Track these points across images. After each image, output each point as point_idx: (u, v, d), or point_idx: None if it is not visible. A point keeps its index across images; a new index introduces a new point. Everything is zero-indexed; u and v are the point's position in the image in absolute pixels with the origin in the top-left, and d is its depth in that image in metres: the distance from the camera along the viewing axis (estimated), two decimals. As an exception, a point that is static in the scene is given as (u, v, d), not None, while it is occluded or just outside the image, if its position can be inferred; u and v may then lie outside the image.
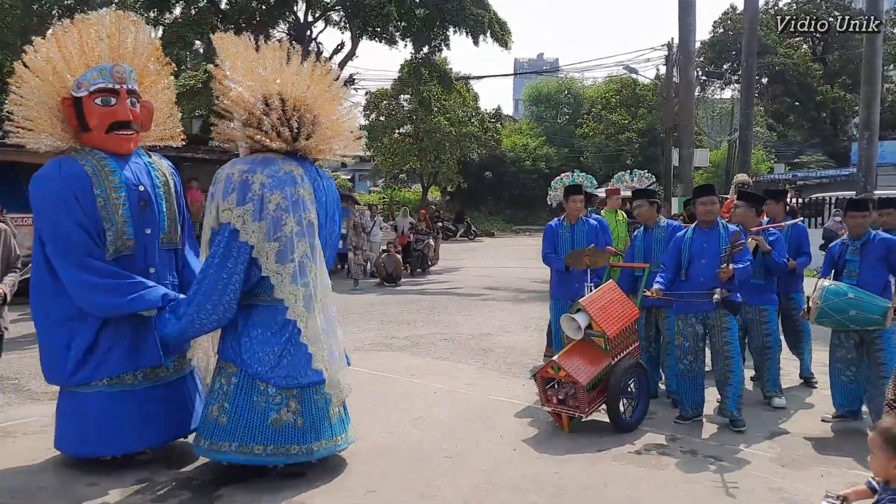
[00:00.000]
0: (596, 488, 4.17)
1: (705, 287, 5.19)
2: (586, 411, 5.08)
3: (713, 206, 5.38)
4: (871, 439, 2.56)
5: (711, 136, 32.56)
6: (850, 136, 31.35)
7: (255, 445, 4.10)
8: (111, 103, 4.35)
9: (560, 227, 6.64)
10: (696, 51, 23.47)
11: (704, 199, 5.43)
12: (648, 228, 6.16)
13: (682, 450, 4.85)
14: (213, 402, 4.24)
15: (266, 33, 19.22)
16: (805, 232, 6.46)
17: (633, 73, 29.92)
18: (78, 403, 4.28)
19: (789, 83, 32.83)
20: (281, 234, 4.14)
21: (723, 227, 5.36)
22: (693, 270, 5.33)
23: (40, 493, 3.98)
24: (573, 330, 5.27)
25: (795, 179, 26.15)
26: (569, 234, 6.52)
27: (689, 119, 17.86)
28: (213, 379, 4.37)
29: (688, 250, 5.38)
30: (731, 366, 5.25)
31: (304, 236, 4.22)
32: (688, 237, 5.44)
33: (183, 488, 4.08)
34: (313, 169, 4.48)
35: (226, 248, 4.11)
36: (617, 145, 35.96)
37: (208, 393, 4.37)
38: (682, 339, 5.39)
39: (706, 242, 5.32)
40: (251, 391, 4.15)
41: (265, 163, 4.24)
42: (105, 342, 4.24)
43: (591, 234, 6.46)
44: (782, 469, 4.50)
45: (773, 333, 5.91)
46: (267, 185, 4.14)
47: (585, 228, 6.48)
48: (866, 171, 12.89)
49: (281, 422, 4.13)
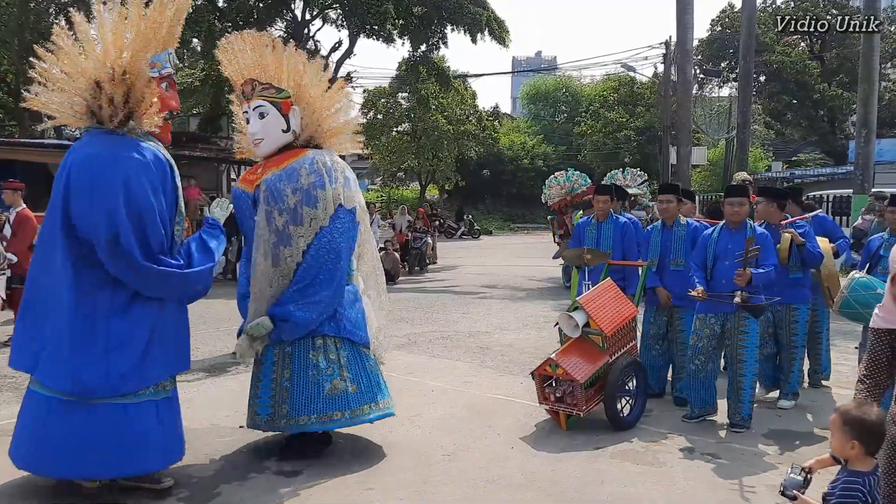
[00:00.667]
0: (593, 485, 4.18)
1: (727, 289, 5.09)
2: (584, 409, 5.08)
3: (741, 207, 5.23)
4: (832, 420, 2.62)
5: (709, 134, 32.54)
6: (848, 134, 31.43)
7: (378, 401, 4.60)
8: (169, 90, 4.04)
9: (588, 224, 6.63)
10: (694, 49, 23.47)
11: (732, 200, 5.29)
12: (667, 226, 6.00)
13: (679, 447, 4.85)
14: (333, 377, 4.40)
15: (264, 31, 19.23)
16: (831, 221, 6.36)
17: (631, 71, 29.98)
18: (119, 416, 3.75)
19: (787, 81, 32.85)
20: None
21: (751, 228, 5.22)
22: (717, 271, 5.25)
23: (38, 493, 3.97)
24: (571, 328, 5.28)
25: (793, 177, 26.20)
26: (595, 232, 6.50)
27: (687, 117, 17.87)
28: (303, 360, 4.38)
29: (713, 250, 5.31)
30: (744, 370, 5.15)
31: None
32: (714, 237, 5.36)
33: (182, 486, 4.07)
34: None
35: (353, 229, 4.55)
36: (615, 143, 35.95)
37: (310, 375, 4.37)
38: (696, 339, 5.29)
39: (731, 244, 5.21)
40: (364, 357, 4.59)
41: (329, 153, 4.65)
42: (155, 346, 3.86)
43: (618, 232, 6.37)
44: (780, 466, 4.51)
45: (799, 334, 5.76)
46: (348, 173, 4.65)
47: (612, 227, 6.41)
48: (864, 169, 12.92)
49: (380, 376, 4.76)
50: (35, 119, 21.83)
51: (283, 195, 4.31)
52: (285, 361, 4.39)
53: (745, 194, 5.35)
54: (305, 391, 4.35)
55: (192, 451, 4.53)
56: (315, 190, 4.35)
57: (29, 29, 18.62)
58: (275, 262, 4.33)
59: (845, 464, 2.61)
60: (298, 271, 4.33)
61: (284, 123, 4.51)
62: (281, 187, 4.32)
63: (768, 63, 32.11)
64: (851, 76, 28.40)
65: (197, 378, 6.56)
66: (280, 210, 4.31)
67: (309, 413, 4.34)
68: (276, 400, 4.38)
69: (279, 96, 4.50)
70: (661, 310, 5.99)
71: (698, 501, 3.99)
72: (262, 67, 4.54)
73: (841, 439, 2.57)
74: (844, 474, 2.56)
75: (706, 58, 35.20)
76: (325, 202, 4.38)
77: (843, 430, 2.55)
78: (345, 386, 4.42)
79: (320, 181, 4.39)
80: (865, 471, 2.55)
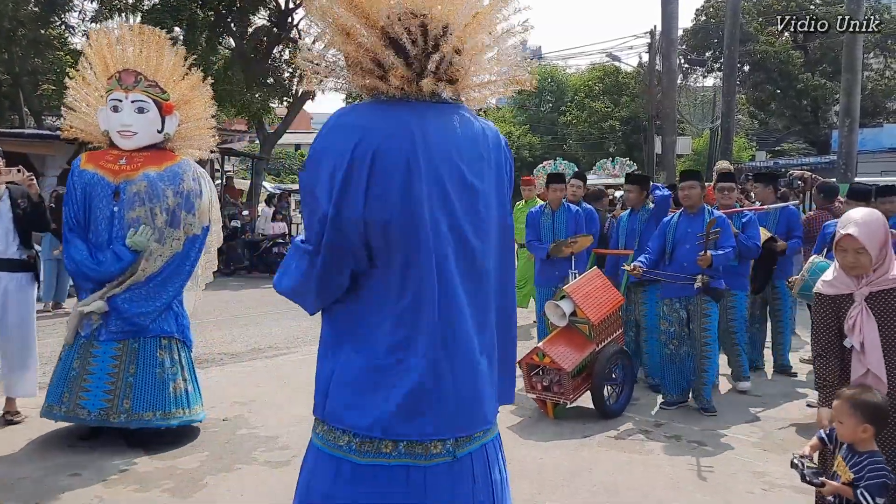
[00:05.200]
0: (581, 474, 4.19)
1: (688, 272, 5.21)
2: (571, 398, 5.10)
3: (692, 190, 5.39)
4: (838, 406, 2.65)
5: (693, 123, 32.62)
6: (831, 123, 31.59)
7: (202, 402, 4.75)
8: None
9: (542, 214, 6.63)
10: (679, 38, 23.52)
11: (684, 184, 5.47)
12: (634, 212, 6.18)
13: (665, 435, 4.88)
14: (176, 377, 4.52)
15: (247, 20, 19.01)
16: (796, 215, 6.44)
17: (616, 60, 29.98)
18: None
19: (770, 71, 32.97)
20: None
21: (708, 212, 5.38)
22: (677, 255, 5.36)
23: (20, 485, 3.92)
24: (558, 317, 5.28)
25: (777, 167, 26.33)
26: (550, 221, 6.50)
27: (672, 107, 17.90)
28: (150, 357, 4.45)
29: (672, 234, 5.41)
30: (708, 352, 5.28)
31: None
32: (673, 222, 5.47)
33: (166, 477, 4.05)
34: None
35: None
36: (600, 133, 35.97)
37: (157, 372, 4.45)
38: (667, 324, 5.41)
39: (690, 227, 5.35)
40: (192, 360, 4.78)
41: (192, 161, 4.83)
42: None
43: (571, 221, 6.41)
44: (765, 453, 4.55)
45: (738, 319, 5.87)
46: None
47: (566, 216, 6.45)
48: (847, 159, 12.99)
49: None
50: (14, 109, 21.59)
51: (164, 195, 4.46)
52: (131, 357, 4.43)
53: (696, 178, 5.52)
54: (151, 388, 4.43)
55: (177, 443, 4.52)
56: (194, 198, 4.57)
57: (8, 17, 18.33)
58: (148, 258, 4.46)
59: (852, 446, 2.64)
60: (160, 274, 4.48)
61: (160, 124, 4.62)
62: (162, 187, 4.45)
63: (752, 53, 32.22)
64: (835, 66, 28.59)
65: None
66: (161, 209, 4.44)
67: (154, 409, 4.41)
68: (115, 394, 4.37)
69: (162, 97, 4.60)
70: (629, 296, 6.03)
71: (685, 488, 4.01)
72: (156, 66, 4.60)
73: (852, 424, 2.60)
74: (866, 456, 2.59)
75: (691, 47, 35.27)
76: (200, 212, 4.58)
77: (853, 416, 2.59)
78: (185, 385, 4.59)
79: (200, 190, 4.61)
80: (877, 450, 2.62)
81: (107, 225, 4.44)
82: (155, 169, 4.50)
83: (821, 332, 2.99)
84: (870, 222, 2.87)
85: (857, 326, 2.86)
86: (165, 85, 4.63)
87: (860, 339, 2.85)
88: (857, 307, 2.87)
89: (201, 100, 4.89)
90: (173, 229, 4.49)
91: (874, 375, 2.85)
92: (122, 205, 4.42)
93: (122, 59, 4.60)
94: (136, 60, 4.58)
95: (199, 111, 4.89)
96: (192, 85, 4.82)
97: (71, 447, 4.41)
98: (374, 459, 1.91)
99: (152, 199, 4.42)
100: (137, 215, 4.41)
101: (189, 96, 4.80)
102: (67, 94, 4.78)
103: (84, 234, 4.48)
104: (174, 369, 4.54)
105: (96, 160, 4.57)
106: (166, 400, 4.45)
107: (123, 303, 4.39)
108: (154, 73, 4.59)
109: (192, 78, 4.82)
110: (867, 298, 2.86)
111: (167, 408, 4.45)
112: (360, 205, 1.82)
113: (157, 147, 4.64)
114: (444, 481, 1.95)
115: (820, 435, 2.81)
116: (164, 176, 4.49)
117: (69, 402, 4.39)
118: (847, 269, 2.88)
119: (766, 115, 36.86)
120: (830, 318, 2.96)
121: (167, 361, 4.51)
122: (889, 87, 32.68)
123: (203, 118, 4.92)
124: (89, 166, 4.52)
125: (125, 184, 4.44)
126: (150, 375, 4.44)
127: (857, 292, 2.86)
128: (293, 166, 44.12)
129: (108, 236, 4.43)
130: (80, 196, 4.47)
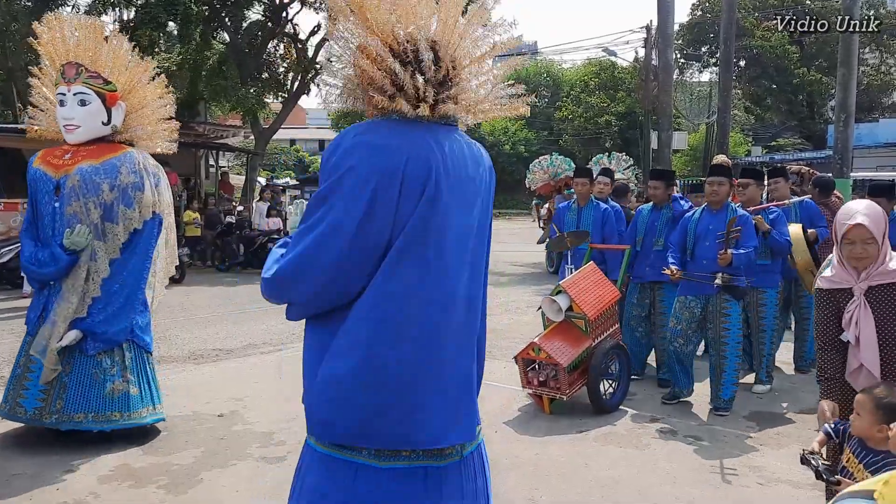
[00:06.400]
0: (577, 469, 4.18)
1: (708, 269, 5.10)
2: (567, 393, 5.09)
3: (720, 186, 5.23)
4: (860, 401, 2.61)
5: (690, 118, 32.62)
6: (827, 118, 31.61)
7: (156, 405, 4.58)
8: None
9: (568, 209, 6.57)
10: (675, 33, 23.49)
11: (712, 179, 5.30)
12: (658, 208, 6.06)
13: (662, 430, 4.87)
14: (115, 378, 4.37)
15: (242, 15, 18.93)
16: (815, 208, 6.29)
17: (612, 55, 29.88)
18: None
19: (766, 66, 32.96)
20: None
21: (732, 210, 5.23)
22: (698, 251, 5.25)
23: (14, 481, 3.90)
24: (554, 312, 5.27)
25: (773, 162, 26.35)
26: (575, 217, 6.44)
27: (668, 102, 17.87)
28: (87, 357, 4.34)
29: (693, 231, 5.31)
30: (726, 352, 5.15)
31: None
32: (695, 217, 5.37)
33: (162, 473, 4.03)
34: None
35: (160, 234, 4.66)
36: (596, 128, 35.94)
37: (93, 373, 4.34)
38: (676, 321, 5.31)
39: (712, 224, 5.22)
40: (146, 361, 4.58)
41: (143, 154, 4.62)
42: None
43: (597, 217, 6.31)
44: (762, 448, 4.55)
45: (768, 318, 5.74)
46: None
47: (593, 212, 6.36)
48: (842, 154, 12.96)
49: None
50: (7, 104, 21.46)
51: (98, 189, 4.31)
52: (68, 357, 4.32)
53: (726, 174, 5.35)
54: (85, 389, 4.32)
55: (172, 439, 4.50)
56: (133, 191, 4.39)
57: (1, 12, 18.21)
58: (92, 258, 4.36)
59: (863, 442, 2.61)
60: (115, 282, 4.39)
61: (106, 116, 4.47)
62: (98, 181, 4.32)
63: (748, 48, 32.20)
64: (830, 61, 28.55)
65: (176, 365, 6.49)
66: (95, 203, 4.32)
67: (86, 411, 4.30)
68: (49, 394, 4.30)
69: (105, 88, 4.45)
70: (645, 292, 6.00)
71: (681, 484, 4.00)
72: (93, 56, 4.47)
73: (870, 421, 2.56)
74: (883, 456, 2.55)
75: (687, 42, 35.24)
76: (140, 205, 4.42)
77: (874, 413, 2.55)
78: (126, 387, 4.41)
79: (140, 183, 4.43)
80: (891, 450, 2.55)
81: (50, 221, 4.35)
82: (91, 162, 4.35)
83: (821, 326, 2.98)
84: (874, 212, 2.84)
85: (853, 321, 2.85)
86: (109, 75, 4.46)
87: (856, 333, 2.84)
88: (855, 301, 2.85)
89: (152, 87, 4.71)
90: (113, 224, 4.36)
91: (867, 371, 2.83)
92: (61, 200, 4.32)
93: (64, 52, 4.47)
94: (75, 52, 4.44)
95: (148, 99, 4.69)
96: (139, 73, 4.63)
97: (64, 443, 4.38)
98: (393, 463, 1.98)
99: (86, 193, 4.29)
100: (74, 211, 4.30)
101: (135, 85, 4.61)
102: (32, 91, 4.67)
103: (35, 232, 4.41)
104: (114, 370, 4.38)
105: (45, 157, 4.49)
106: (101, 402, 4.31)
107: (99, 326, 4.32)
108: (93, 64, 4.43)
109: (140, 66, 4.64)
110: (866, 293, 2.85)
111: (101, 410, 4.31)
112: (388, 221, 1.89)
113: (105, 140, 4.50)
114: (455, 479, 2.06)
115: (826, 430, 2.78)
116: (99, 169, 4.33)
117: (11, 400, 4.35)
118: (853, 261, 2.84)
119: (762, 111, 36.88)
120: (830, 312, 2.94)
121: (106, 362, 4.37)
122: (885, 82, 32.73)
123: (154, 106, 4.72)
124: (37, 163, 4.46)
125: (64, 178, 4.33)
126: (84, 376, 4.32)
127: (857, 286, 2.85)
128: (288, 161, 44.05)
129: (52, 232, 4.34)
130: (31, 193, 4.43)
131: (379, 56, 1.95)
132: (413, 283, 1.91)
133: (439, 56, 2.00)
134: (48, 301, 4.38)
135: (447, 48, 2.03)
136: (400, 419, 1.92)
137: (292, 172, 38.93)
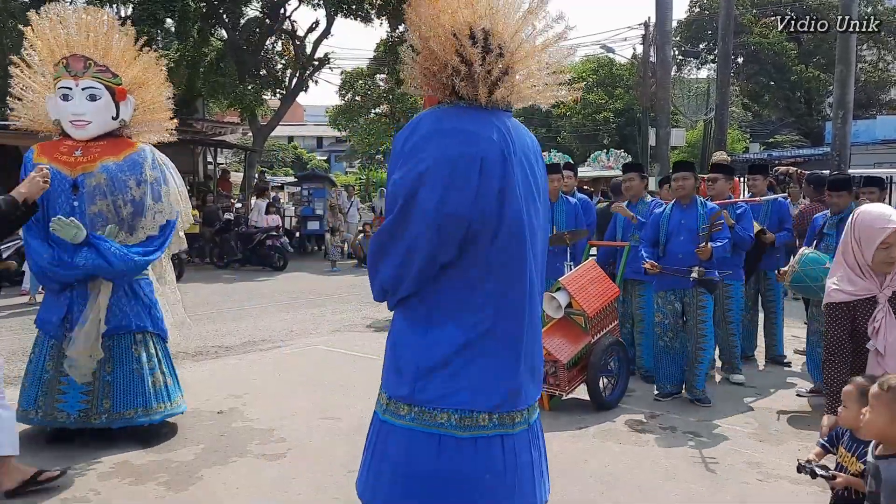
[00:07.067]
0: (576, 464, 4.19)
1: (682, 263, 5.21)
2: (566, 389, 5.09)
3: (685, 181, 5.37)
4: (847, 392, 2.58)
5: (687, 115, 32.61)
6: (825, 115, 31.62)
7: (182, 392, 4.71)
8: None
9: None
10: (673, 30, 23.46)
11: (677, 175, 5.45)
12: (633, 204, 6.12)
13: (661, 426, 4.88)
14: (154, 371, 4.46)
15: (240, 12, 18.90)
16: (786, 207, 6.45)
17: (610, 52, 29.87)
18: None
19: (764, 63, 32.97)
20: None
21: (701, 204, 5.37)
22: (670, 246, 5.35)
23: (15, 478, 3.90)
24: (553, 308, 5.27)
25: (771, 159, 26.36)
26: (549, 213, 6.45)
27: (666, 99, 17.87)
28: (125, 354, 4.36)
29: (665, 226, 5.40)
30: (703, 344, 5.28)
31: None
32: (666, 213, 5.46)
33: (162, 470, 4.03)
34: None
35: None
36: (594, 125, 35.93)
37: (134, 368, 4.36)
38: (661, 316, 5.42)
39: (683, 219, 5.34)
40: (168, 351, 4.70)
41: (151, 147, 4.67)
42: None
43: (570, 212, 6.36)
44: (760, 444, 4.56)
45: (734, 310, 5.87)
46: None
47: (564, 207, 6.40)
48: (840, 151, 12.98)
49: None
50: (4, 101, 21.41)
51: (126, 186, 4.29)
52: (106, 356, 4.29)
53: (689, 169, 5.48)
54: (131, 385, 4.35)
55: (172, 436, 4.51)
56: (160, 185, 4.45)
57: (-3, 7, 18.14)
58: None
59: (853, 435, 2.60)
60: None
61: (115, 111, 4.42)
62: (124, 178, 4.29)
63: (746, 45, 32.19)
64: (828, 58, 28.58)
65: (175, 362, 6.47)
66: (124, 200, 4.30)
67: (135, 406, 4.34)
68: (94, 395, 4.28)
69: (114, 82, 4.38)
70: (625, 290, 6.01)
71: (680, 479, 4.01)
72: (103, 49, 4.41)
73: (856, 411, 2.51)
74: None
75: (685, 39, 35.23)
76: (168, 198, 4.48)
77: (859, 402, 2.51)
78: (164, 379, 4.52)
79: (163, 177, 4.50)
80: None
81: None
82: (113, 159, 4.29)
83: (837, 340, 2.89)
84: None
85: (881, 330, 2.78)
86: (116, 68, 4.40)
87: (884, 343, 2.77)
88: (881, 309, 2.78)
89: (156, 81, 4.67)
90: (142, 218, 4.36)
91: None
92: (81, 199, 4.21)
93: (68, 43, 4.35)
94: (83, 44, 4.34)
95: (155, 94, 4.67)
96: (145, 66, 4.57)
97: (64, 441, 4.37)
98: (473, 432, 2.20)
99: (114, 191, 4.24)
100: (99, 209, 4.23)
101: (143, 79, 4.56)
102: (12, 82, 4.52)
103: (43, 232, 4.22)
104: (151, 363, 4.44)
105: (50, 152, 4.31)
106: (147, 395, 4.37)
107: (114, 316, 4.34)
108: (103, 57, 4.36)
109: (145, 59, 4.58)
110: (890, 299, 2.79)
111: (149, 403, 4.38)
112: (468, 202, 2.13)
113: (113, 135, 4.43)
114: (524, 446, 2.32)
115: (821, 443, 2.77)
116: (123, 166, 4.29)
117: (45, 405, 4.26)
118: (885, 266, 2.74)
119: (760, 107, 36.89)
120: (845, 324, 2.86)
121: (143, 356, 4.41)
122: (882, 79, 32.76)
123: (159, 101, 4.71)
124: (43, 159, 4.25)
125: (83, 177, 4.22)
126: (128, 372, 4.34)
127: (881, 294, 2.78)
128: (286, 158, 43.99)
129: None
130: None
131: (450, 42, 2.20)
132: (502, 263, 2.24)
133: (500, 45, 2.23)
134: (72, 302, 4.27)
135: (505, 38, 2.25)
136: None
137: (290, 169, 38.91)
